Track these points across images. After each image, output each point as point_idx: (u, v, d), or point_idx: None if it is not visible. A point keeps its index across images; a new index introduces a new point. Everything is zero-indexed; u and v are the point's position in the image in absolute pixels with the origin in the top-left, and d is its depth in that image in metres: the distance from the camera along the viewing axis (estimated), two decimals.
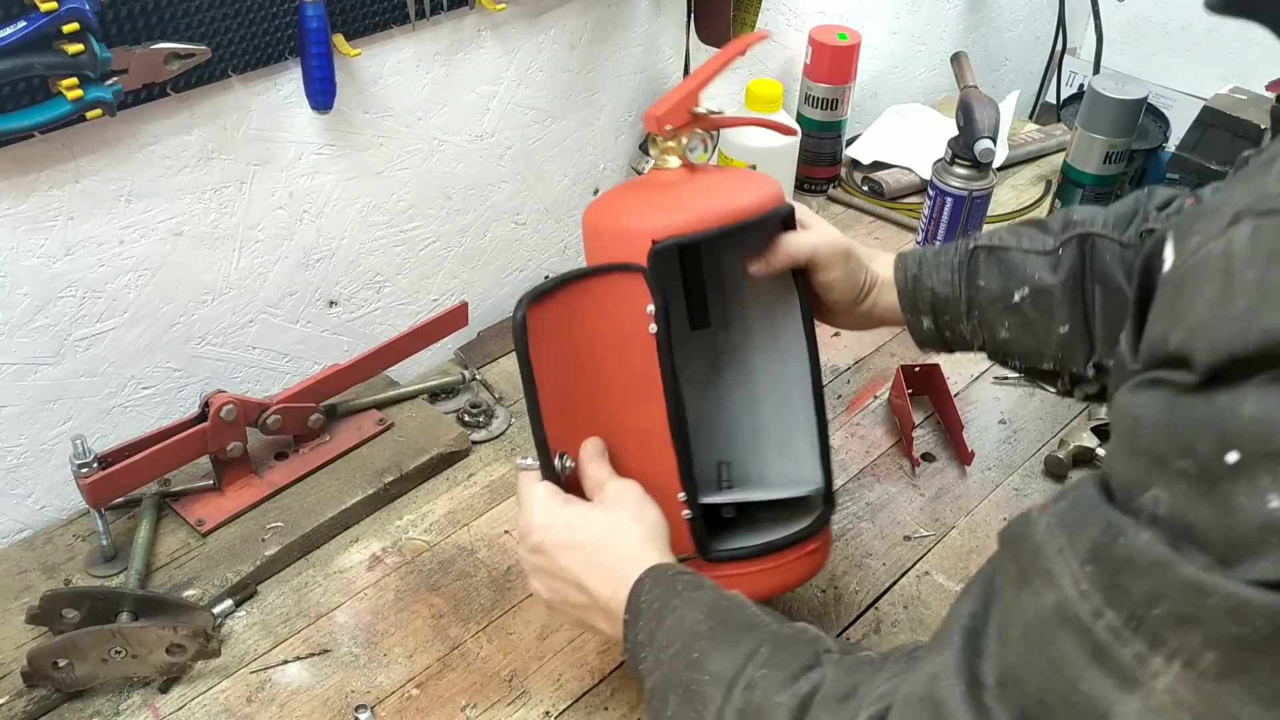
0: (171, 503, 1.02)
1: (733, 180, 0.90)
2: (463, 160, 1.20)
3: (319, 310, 1.17)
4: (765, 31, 0.93)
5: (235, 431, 1.00)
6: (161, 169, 0.97)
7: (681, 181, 0.87)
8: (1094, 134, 1.40)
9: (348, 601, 0.98)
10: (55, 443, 1.02)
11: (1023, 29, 2.03)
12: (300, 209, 1.09)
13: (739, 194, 0.85)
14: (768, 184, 0.87)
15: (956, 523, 1.08)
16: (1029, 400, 1.23)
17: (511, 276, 1.35)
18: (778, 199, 0.87)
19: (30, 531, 1.03)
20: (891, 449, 1.17)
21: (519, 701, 0.90)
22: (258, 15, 0.94)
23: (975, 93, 1.27)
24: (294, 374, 1.18)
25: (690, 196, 0.85)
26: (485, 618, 0.97)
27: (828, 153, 1.56)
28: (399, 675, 0.92)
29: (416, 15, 1.05)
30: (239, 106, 0.99)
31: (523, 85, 1.21)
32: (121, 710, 0.88)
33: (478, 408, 1.17)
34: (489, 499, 1.09)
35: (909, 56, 1.80)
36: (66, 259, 0.94)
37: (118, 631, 0.85)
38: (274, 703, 0.89)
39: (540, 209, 1.33)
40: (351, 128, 1.08)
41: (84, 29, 0.81)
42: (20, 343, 0.95)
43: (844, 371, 1.27)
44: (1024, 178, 1.65)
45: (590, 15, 1.24)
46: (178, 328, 1.06)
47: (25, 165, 0.88)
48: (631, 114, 1.37)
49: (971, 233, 1.12)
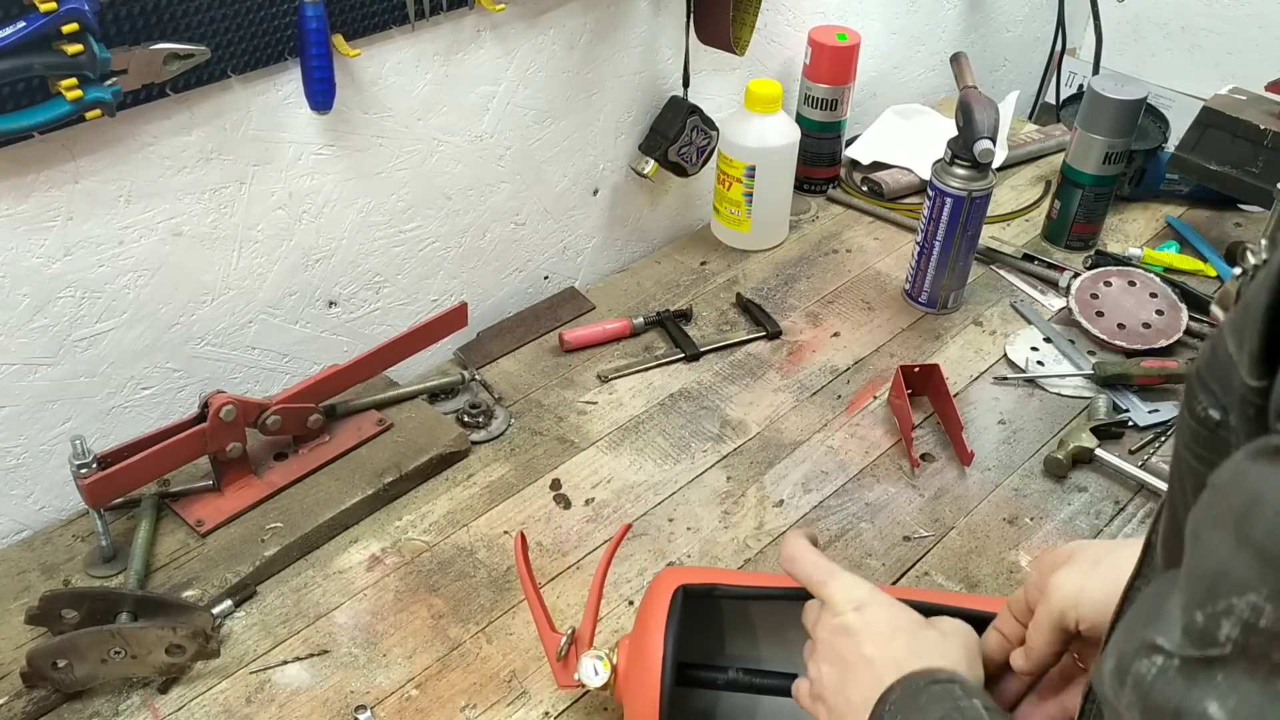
0: (171, 503, 1.02)
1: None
2: (462, 161, 1.20)
3: (318, 311, 1.17)
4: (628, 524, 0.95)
5: (235, 432, 1.00)
6: (161, 169, 0.97)
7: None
8: (1093, 134, 1.40)
9: (347, 602, 0.98)
10: (55, 443, 1.02)
11: (1022, 29, 2.03)
12: (300, 209, 1.09)
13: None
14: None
15: (956, 523, 1.08)
16: (1028, 400, 1.23)
17: (511, 277, 1.35)
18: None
19: (30, 532, 1.03)
20: (891, 449, 1.17)
21: (519, 702, 0.90)
22: (257, 15, 0.94)
23: (975, 93, 1.27)
24: (293, 374, 1.18)
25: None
26: (485, 618, 0.97)
27: (827, 153, 1.56)
28: (398, 676, 0.92)
29: (416, 16, 1.05)
30: (238, 107, 0.99)
31: (522, 86, 1.21)
32: (121, 711, 0.88)
33: (477, 408, 1.17)
34: (488, 499, 1.09)
35: (908, 57, 1.80)
36: (66, 259, 0.94)
37: (117, 632, 0.85)
38: (273, 703, 0.89)
39: (540, 209, 1.33)
40: (351, 128, 1.08)
41: (83, 29, 0.81)
42: (20, 343, 0.95)
43: (843, 372, 1.27)
44: (1023, 178, 1.65)
45: (590, 16, 1.24)
46: (177, 328, 1.06)
47: (25, 166, 0.88)
48: (631, 114, 1.37)
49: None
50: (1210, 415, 0.48)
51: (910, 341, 1.32)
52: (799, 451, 1.16)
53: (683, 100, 1.37)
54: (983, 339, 1.32)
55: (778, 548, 1.04)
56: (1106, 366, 1.24)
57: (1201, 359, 0.50)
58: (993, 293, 1.40)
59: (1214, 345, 0.48)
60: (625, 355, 1.28)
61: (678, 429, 1.18)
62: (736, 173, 1.39)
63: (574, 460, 1.13)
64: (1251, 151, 1.40)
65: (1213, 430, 0.48)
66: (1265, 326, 0.41)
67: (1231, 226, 1.54)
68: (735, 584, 0.84)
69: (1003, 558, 1.04)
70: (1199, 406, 0.49)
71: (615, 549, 0.88)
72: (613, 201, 1.42)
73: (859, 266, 1.44)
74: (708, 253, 1.46)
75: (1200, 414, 0.49)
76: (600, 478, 1.12)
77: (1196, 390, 0.49)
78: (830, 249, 1.47)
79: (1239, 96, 1.45)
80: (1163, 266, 1.43)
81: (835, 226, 1.52)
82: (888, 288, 1.40)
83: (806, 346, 1.30)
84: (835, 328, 1.33)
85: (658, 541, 1.05)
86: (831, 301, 1.38)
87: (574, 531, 1.06)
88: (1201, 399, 0.49)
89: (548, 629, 0.84)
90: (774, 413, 1.20)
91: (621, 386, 1.23)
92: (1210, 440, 0.48)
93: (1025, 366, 1.27)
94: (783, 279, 1.41)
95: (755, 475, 1.13)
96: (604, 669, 0.81)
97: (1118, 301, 1.33)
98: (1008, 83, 2.01)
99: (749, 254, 1.46)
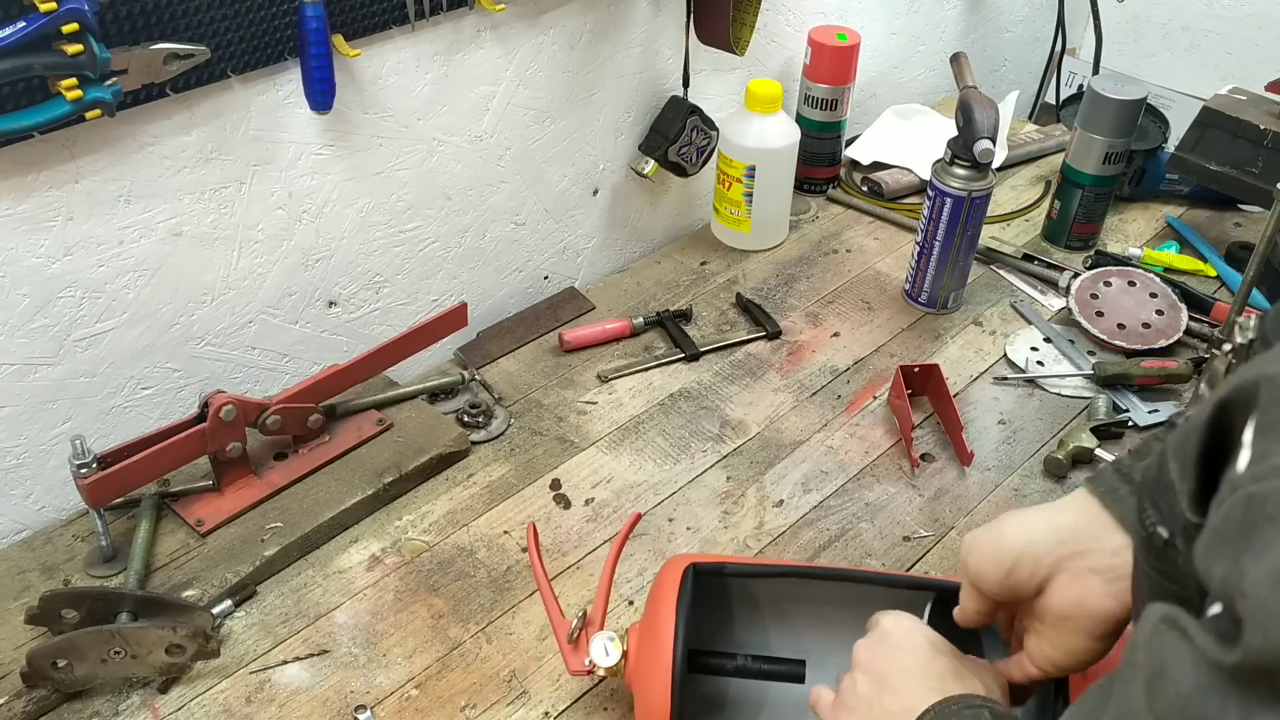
0: (171, 503, 1.02)
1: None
2: (462, 161, 1.20)
3: (318, 311, 1.17)
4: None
5: (235, 432, 1.00)
6: (161, 169, 0.97)
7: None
8: (1093, 134, 1.40)
9: (347, 602, 0.98)
10: (54, 443, 1.02)
11: (1022, 29, 2.03)
12: (300, 209, 1.09)
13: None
14: None
15: (956, 523, 1.08)
16: (1028, 400, 1.23)
17: (511, 277, 1.35)
18: None
19: (29, 532, 1.03)
20: (891, 449, 1.17)
21: (519, 701, 0.90)
22: (257, 15, 0.94)
23: (974, 93, 1.27)
24: (293, 374, 1.18)
25: None
26: (485, 618, 0.97)
27: (827, 153, 1.56)
28: (398, 675, 0.92)
29: (416, 16, 1.05)
30: (238, 107, 0.99)
31: (522, 86, 1.21)
32: (121, 710, 0.88)
33: (477, 408, 1.17)
34: (488, 499, 1.09)
35: (908, 57, 1.80)
36: (66, 259, 0.94)
37: (117, 632, 0.85)
38: (273, 703, 0.89)
39: (539, 209, 1.33)
40: (351, 128, 1.08)
41: (83, 29, 0.81)
42: (20, 343, 0.95)
43: (843, 372, 1.27)
44: (1023, 178, 1.65)
45: (589, 16, 1.24)
46: (177, 328, 1.06)
47: (25, 165, 0.88)
48: (631, 114, 1.37)
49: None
50: (1159, 533, 0.48)
51: (910, 341, 1.32)
52: (799, 451, 1.16)
53: (683, 100, 1.37)
54: (983, 339, 1.32)
55: (777, 548, 1.05)
56: (1106, 366, 1.24)
57: (1149, 473, 0.50)
58: (993, 293, 1.40)
59: (1160, 462, 0.48)
60: (625, 355, 1.28)
61: (678, 429, 1.18)
62: (736, 173, 1.39)
63: (574, 460, 1.13)
64: (1251, 151, 1.40)
65: (1162, 546, 0.48)
66: (1199, 469, 0.43)
67: (1231, 226, 1.54)
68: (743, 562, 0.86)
69: None
70: (1148, 521, 0.49)
71: (626, 536, 0.89)
72: (613, 201, 1.42)
73: (859, 266, 1.44)
74: (708, 253, 1.46)
75: (1150, 528, 0.49)
76: (600, 478, 1.12)
77: (1145, 504, 0.49)
78: (830, 249, 1.47)
79: (1239, 96, 1.45)
80: (1163, 266, 1.43)
81: (835, 226, 1.52)
82: (888, 288, 1.40)
83: (806, 346, 1.30)
84: (835, 328, 1.33)
85: (658, 541, 1.05)
86: (831, 301, 1.38)
87: (574, 531, 1.06)
88: (1150, 514, 0.50)
89: (559, 615, 0.85)
90: (774, 413, 1.20)
91: (621, 386, 1.23)
92: (1162, 553, 0.49)
93: (1025, 366, 1.27)
94: (783, 279, 1.41)
95: (755, 475, 1.13)
96: (615, 649, 0.82)
97: (1118, 301, 1.33)
98: (1008, 83, 2.01)
99: (749, 254, 1.46)
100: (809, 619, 0.87)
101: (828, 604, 0.87)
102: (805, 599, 0.87)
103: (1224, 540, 0.37)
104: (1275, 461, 0.37)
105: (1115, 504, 0.67)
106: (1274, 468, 0.36)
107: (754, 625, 0.90)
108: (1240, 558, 0.36)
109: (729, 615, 0.88)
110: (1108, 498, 0.67)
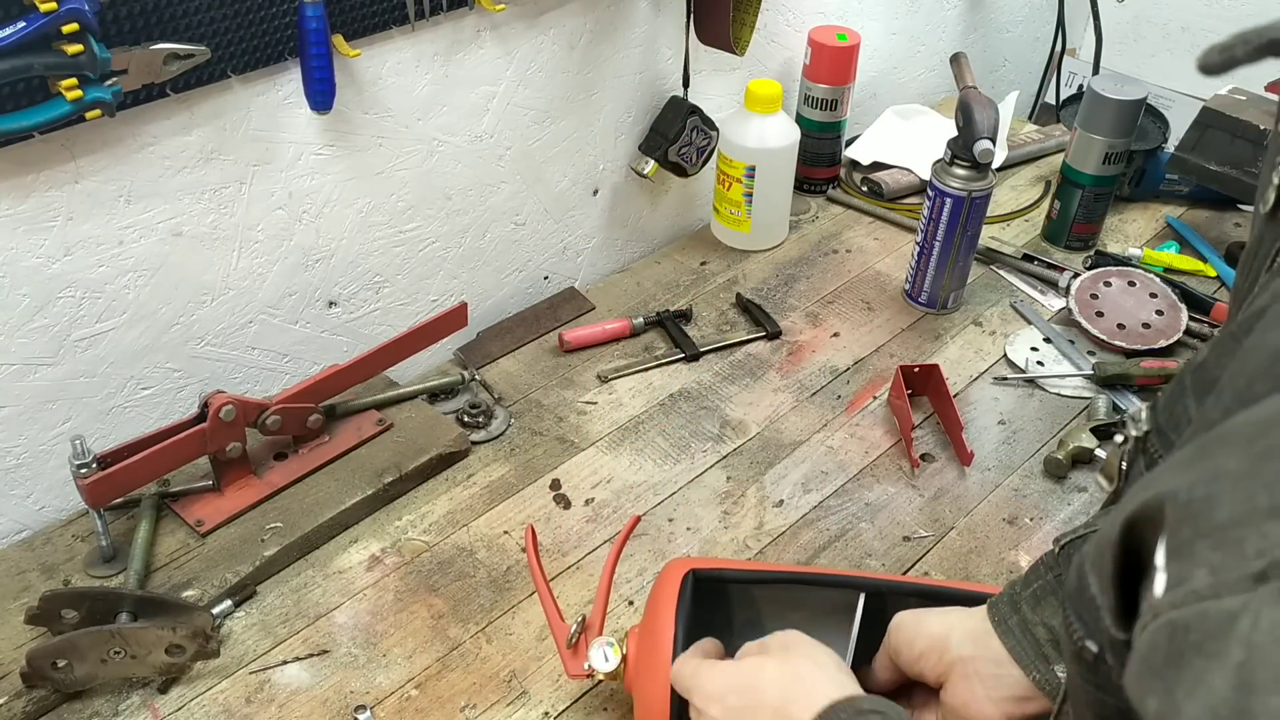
0: (171, 503, 1.02)
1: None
2: (462, 161, 1.20)
3: (318, 311, 1.17)
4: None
5: (234, 432, 1.00)
6: (161, 169, 0.97)
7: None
8: (1093, 135, 1.40)
9: (347, 602, 0.98)
10: (54, 443, 1.02)
11: (1022, 29, 2.03)
12: (300, 209, 1.09)
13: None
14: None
15: (956, 523, 1.08)
16: (1028, 400, 1.23)
17: (511, 277, 1.35)
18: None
19: (29, 532, 1.03)
20: (891, 449, 1.17)
21: (518, 702, 0.90)
22: (257, 15, 0.94)
23: (974, 93, 1.27)
24: (293, 374, 1.18)
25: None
26: (485, 618, 0.97)
27: (827, 153, 1.56)
28: (398, 676, 0.92)
29: (416, 16, 1.05)
30: (238, 107, 0.99)
31: (522, 86, 1.21)
32: (120, 711, 0.88)
33: (477, 408, 1.17)
34: (488, 499, 1.09)
35: (908, 57, 1.80)
36: (66, 259, 0.94)
37: (117, 632, 0.85)
38: (273, 703, 0.89)
39: (539, 210, 1.33)
40: (351, 128, 1.08)
41: (83, 29, 0.81)
42: (19, 343, 0.95)
43: (843, 372, 1.27)
44: (1023, 178, 1.65)
45: (590, 16, 1.24)
46: (177, 328, 1.06)
47: (25, 166, 0.88)
48: (631, 115, 1.37)
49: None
50: (1088, 647, 0.48)
51: (910, 342, 1.32)
52: (799, 451, 1.16)
53: (683, 100, 1.37)
54: (982, 339, 1.32)
55: (777, 548, 1.05)
56: (1106, 367, 1.24)
57: (1069, 585, 0.50)
58: (993, 293, 1.40)
59: (1079, 574, 0.48)
60: (625, 355, 1.28)
61: (677, 429, 1.18)
62: (736, 173, 1.39)
63: (574, 460, 1.13)
64: (1251, 152, 1.40)
65: (1093, 662, 0.48)
66: (1116, 587, 0.42)
67: (1231, 227, 1.54)
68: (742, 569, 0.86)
69: (1002, 558, 1.05)
70: (1075, 636, 0.49)
71: (625, 539, 0.89)
72: (613, 201, 1.42)
73: (859, 267, 1.44)
74: (708, 253, 1.46)
75: (1078, 644, 0.49)
76: (600, 478, 1.12)
77: (1070, 618, 0.49)
78: (830, 249, 1.47)
79: (1239, 97, 1.45)
80: (1162, 267, 1.43)
81: (835, 227, 1.52)
82: (888, 288, 1.40)
83: (806, 347, 1.30)
84: (835, 328, 1.33)
85: (657, 541, 1.05)
86: (831, 302, 1.38)
87: (574, 532, 1.06)
88: (1076, 628, 0.49)
89: (558, 619, 0.85)
90: (774, 413, 1.20)
91: (621, 387, 1.23)
92: (1093, 668, 0.49)
93: (1025, 367, 1.27)
94: (783, 279, 1.41)
95: (755, 475, 1.13)
96: (614, 654, 0.82)
97: (1117, 302, 1.33)
98: (1008, 83, 2.01)
99: (749, 254, 1.46)
100: (809, 623, 0.87)
101: (828, 608, 0.87)
102: (805, 603, 0.87)
103: (1153, 672, 0.36)
104: (1193, 586, 0.35)
105: (1005, 635, 0.72)
106: (1193, 592, 0.35)
107: (754, 629, 0.90)
108: (1173, 691, 0.35)
109: (728, 619, 0.88)
110: (1000, 627, 0.72)
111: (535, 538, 0.90)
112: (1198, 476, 0.38)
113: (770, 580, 0.86)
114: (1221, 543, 0.35)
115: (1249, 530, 0.34)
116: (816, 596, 0.86)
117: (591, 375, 1.24)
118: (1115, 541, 0.42)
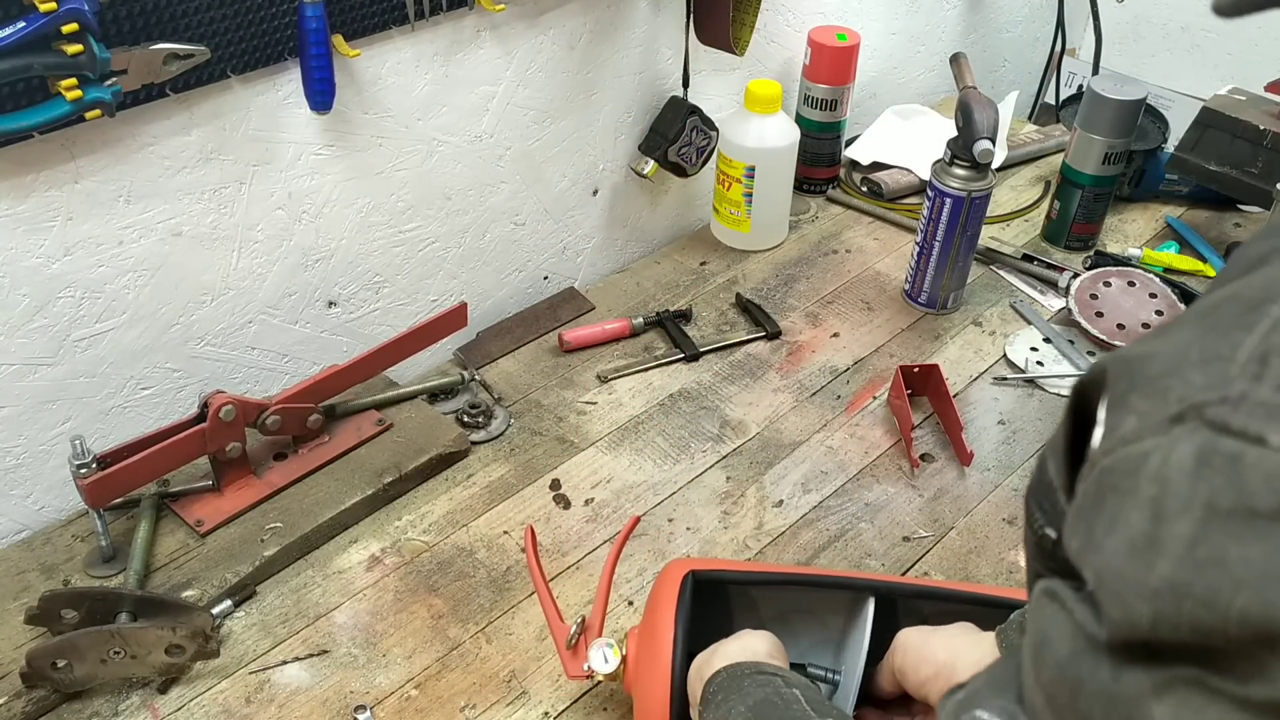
0: (170, 503, 1.02)
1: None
2: (462, 161, 1.20)
3: (318, 311, 1.17)
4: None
5: (234, 432, 1.00)
6: (160, 169, 0.97)
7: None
8: (1093, 135, 1.40)
9: (347, 602, 0.98)
10: (54, 443, 1.02)
11: (1022, 29, 2.03)
12: (299, 209, 1.09)
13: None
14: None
15: (956, 523, 1.08)
16: (1028, 400, 1.23)
17: (510, 277, 1.35)
18: None
19: (29, 532, 1.03)
20: (891, 449, 1.17)
21: (518, 702, 0.90)
22: (257, 15, 0.94)
23: (974, 93, 1.27)
24: (293, 374, 1.18)
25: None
26: (484, 618, 0.97)
27: (827, 153, 1.56)
28: (398, 676, 0.92)
29: (416, 16, 1.05)
30: (238, 107, 0.99)
31: (522, 86, 1.21)
32: (120, 711, 0.88)
33: (477, 408, 1.17)
34: (488, 499, 1.09)
35: (908, 57, 1.80)
36: (65, 259, 0.94)
37: (116, 632, 0.85)
38: (273, 703, 0.89)
39: (539, 210, 1.33)
40: (350, 128, 1.08)
41: (83, 29, 0.81)
42: (19, 343, 0.95)
43: (843, 372, 1.27)
44: (1023, 178, 1.65)
45: (590, 16, 1.24)
46: (177, 328, 1.06)
47: (24, 166, 0.88)
48: (631, 114, 1.37)
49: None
50: (1047, 534, 0.50)
51: (910, 342, 1.32)
52: (799, 452, 1.16)
53: (683, 100, 1.37)
54: (982, 339, 1.32)
55: (777, 548, 1.05)
56: None
57: (1032, 478, 0.52)
58: (992, 293, 1.40)
59: (1041, 465, 0.50)
60: (625, 355, 1.28)
61: (677, 429, 1.18)
62: (736, 173, 1.39)
63: (574, 460, 1.13)
64: (1251, 152, 1.40)
65: (1051, 548, 0.49)
66: (1068, 459, 0.44)
67: (1231, 227, 1.54)
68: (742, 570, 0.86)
69: (1002, 558, 1.05)
70: (1035, 524, 0.50)
71: (625, 540, 0.89)
72: (612, 202, 1.42)
73: (859, 267, 1.44)
74: (707, 253, 1.46)
75: (1038, 531, 0.50)
76: (600, 478, 1.12)
77: (1032, 507, 0.51)
78: (830, 249, 1.47)
79: (1238, 97, 1.45)
80: (1162, 267, 1.43)
81: (835, 227, 1.52)
82: (887, 288, 1.40)
83: (806, 347, 1.30)
84: (835, 328, 1.33)
85: (657, 541, 1.05)
86: (831, 302, 1.38)
87: (574, 532, 1.06)
88: (1037, 517, 0.51)
89: (557, 620, 0.85)
90: (774, 413, 1.20)
91: (621, 387, 1.23)
92: (1051, 555, 0.50)
93: (1025, 367, 1.27)
94: (782, 279, 1.41)
95: (755, 475, 1.13)
96: (614, 656, 0.82)
97: (1117, 302, 1.33)
98: (1007, 83, 2.01)
99: (749, 254, 1.46)
100: (808, 624, 0.87)
101: (827, 609, 0.87)
102: (805, 603, 0.87)
103: (1080, 515, 0.38)
104: (1121, 432, 0.37)
105: (1012, 658, 0.71)
106: (1120, 438, 0.36)
107: (752, 630, 0.90)
108: (1093, 530, 0.37)
109: (728, 620, 0.88)
110: (1006, 651, 0.73)
111: (535, 538, 0.90)
112: (1145, 344, 0.39)
113: (770, 581, 0.86)
114: (1150, 391, 0.36)
115: (1175, 379, 0.35)
116: (816, 597, 0.86)
117: (591, 375, 1.24)
118: (1067, 412, 0.44)
